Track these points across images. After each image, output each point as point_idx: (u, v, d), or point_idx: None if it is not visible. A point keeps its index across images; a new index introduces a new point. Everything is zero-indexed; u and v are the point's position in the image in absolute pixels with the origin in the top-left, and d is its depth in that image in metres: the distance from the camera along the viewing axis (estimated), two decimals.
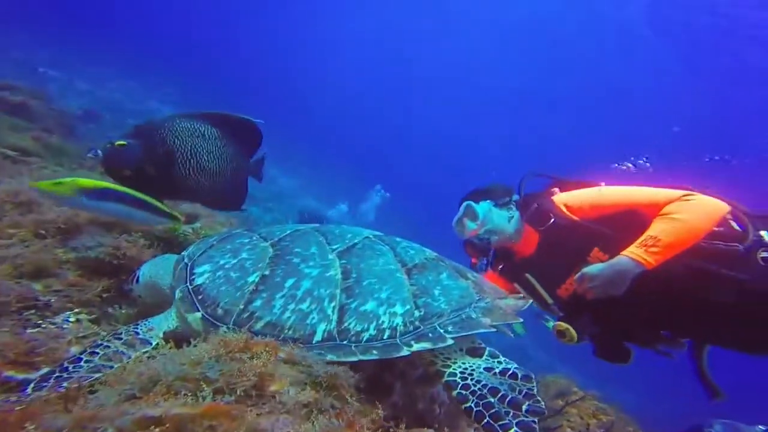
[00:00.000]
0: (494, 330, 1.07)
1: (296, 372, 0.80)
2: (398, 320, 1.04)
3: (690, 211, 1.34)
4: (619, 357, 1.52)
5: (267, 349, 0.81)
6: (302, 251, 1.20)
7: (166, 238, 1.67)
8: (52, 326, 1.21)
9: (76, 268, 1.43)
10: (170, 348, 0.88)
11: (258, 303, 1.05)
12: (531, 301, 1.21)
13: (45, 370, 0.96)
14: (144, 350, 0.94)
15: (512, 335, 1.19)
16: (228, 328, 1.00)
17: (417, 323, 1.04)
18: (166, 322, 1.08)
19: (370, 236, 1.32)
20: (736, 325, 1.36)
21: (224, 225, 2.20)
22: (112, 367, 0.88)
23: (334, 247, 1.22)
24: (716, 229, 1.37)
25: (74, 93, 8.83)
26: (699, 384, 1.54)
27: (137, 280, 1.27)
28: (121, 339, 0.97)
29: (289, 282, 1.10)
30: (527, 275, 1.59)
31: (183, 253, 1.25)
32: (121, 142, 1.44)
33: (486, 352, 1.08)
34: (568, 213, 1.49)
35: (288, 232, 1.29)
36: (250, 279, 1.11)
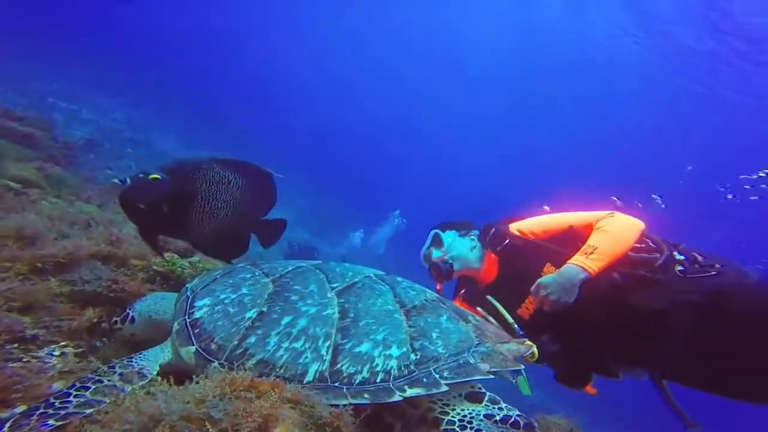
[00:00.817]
0: (493, 377, 1.08)
1: (299, 413, 0.80)
2: (393, 363, 1.05)
3: (616, 224, 1.65)
4: (578, 381, 1.67)
5: (273, 388, 0.81)
6: (301, 289, 1.26)
7: (163, 272, 1.68)
8: (35, 360, 1.17)
9: (69, 301, 1.42)
10: (169, 384, 0.86)
11: (252, 340, 1.08)
12: (534, 346, 1.24)
13: (23, 407, 0.92)
14: (140, 383, 0.94)
15: (513, 381, 1.18)
16: (220, 363, 1.02)
17: (412, 367, 1.04)
18: (162, 354, 1.10)
19: (371, 275, 1.38)
20: (677, 343, 1.50)
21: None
22: (105, 402, 0.85)
23: (334, 285, 1.27)
24: (638, 245, 1.65)
25: (79, 123, 9.12)
26: (673, 416, 1.63)
27: (132, 320, 1.26)
28: (116, 372, 0.98)
29: (286, 319, 1.14)
30: (488, 297, 1.73)
31: (187, 285, 1.31)
32: (155, 176, 1.48)
33: (486, 398, 1.08)
34: (521, 236, 1.75)
35: (290, 268, 1.33)
36: (248, 315, 1.15)
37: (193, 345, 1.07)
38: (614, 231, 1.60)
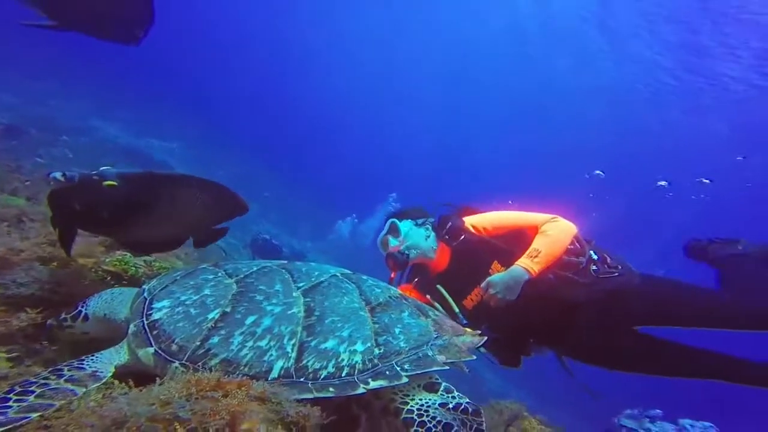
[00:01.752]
0: (448, 368, 1.17)
1: (266, 410, 0.82)
2: (358, 358, 1.11)
3: (557, 229, 1.85)
4: (512, 362, 1.91)
5: (240, 387, 0.83)
6: (266, 288, 1.28)
7: (115, 272, 1.59)
8: None
9: (0, 305, 1.29)
10: (129, 387, 0.84)
11: (215, 340, 1.09)
12: (486, 338, 1.37)
13: None
14: (94, 386, 0.91)
15: (467, 371, 1.29)
16: (181, 364, 1.02)
17: (376, 361, 1.11)
18: (117, 356, 1.07)
19: (338, 274, 1.42)
20: (590, 327, 1.81)
21: (179, 258, 2.11)
22: (54, 406, 0.81)
23: (300, 284, 1.31)
24: (569, 246, 1.87)
25: None
26: (580, 391, 1.95)
27: (85, 318, 1.19)
28: (63, 375, 0.93)
29: (250, 319, 1.16)
30: (438, 286, 1.88)
31: (144, 286, 1.28)
32: (111, 183, 1.32)
33: (441, 388, 1.17)
34: (474, 232, 1.89)
35: (254, 269, 1.35)
36: (210, 316, 1.16)
37: (152, 346, 1.05)
38: (555, 236, 1.81)
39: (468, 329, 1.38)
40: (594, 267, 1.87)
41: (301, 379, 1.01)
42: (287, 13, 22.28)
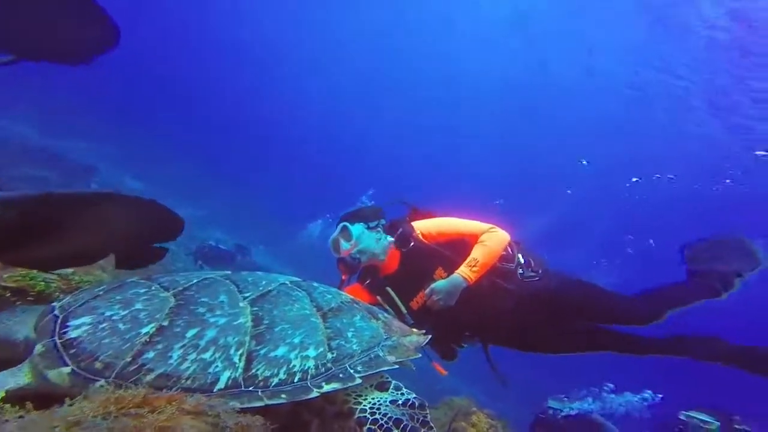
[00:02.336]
0: (398, 367, 1.22)
1: (202, 424, 0.76)
2: (310, 363, 1.10)
3: (494, 240, 2.02)
4: (449, 355, 2.10)
5: (170, 402, 0.76)
6: (209, 300, 1.21)
7: (17, 288, 1.36)
8: None
9: None
10: (25, 410, 0.73)
11: (151, 354, 1.00)
12: (430, 336, 1.45)
13: None
14: None
15: (414, 368, 1.35)
16: (107, 381, 0.92)
17: (329, 365, 1.11)
18: (12, 379, 0.93)
19: (287, 282, 1.40)
20: (515, 325, 2.07)
21: (104, 269, 1.88)
22: None
23: (246, 294, 1.26)
24: (502, 253, 2.07)
25: None
26: (493, 376, 2.19)
27: None
28: None
29: (192, 332, 1.08)
30: (388, 289, 2.00)
31: (53, 304, 1.12)
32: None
33: (391, 386, 1.22)
34: (422, 239, 2.02)
35: (194, 281, 1.27)
36: (144, 330, 1.05)
37: (68, 366, 0.93)
38: (491, 246, 1.99)
39: (414, 329, 1.45)
40: (520, 271, 2.10)
41: (251, 388, 0.98)
42: (245, 5, 20.96)
